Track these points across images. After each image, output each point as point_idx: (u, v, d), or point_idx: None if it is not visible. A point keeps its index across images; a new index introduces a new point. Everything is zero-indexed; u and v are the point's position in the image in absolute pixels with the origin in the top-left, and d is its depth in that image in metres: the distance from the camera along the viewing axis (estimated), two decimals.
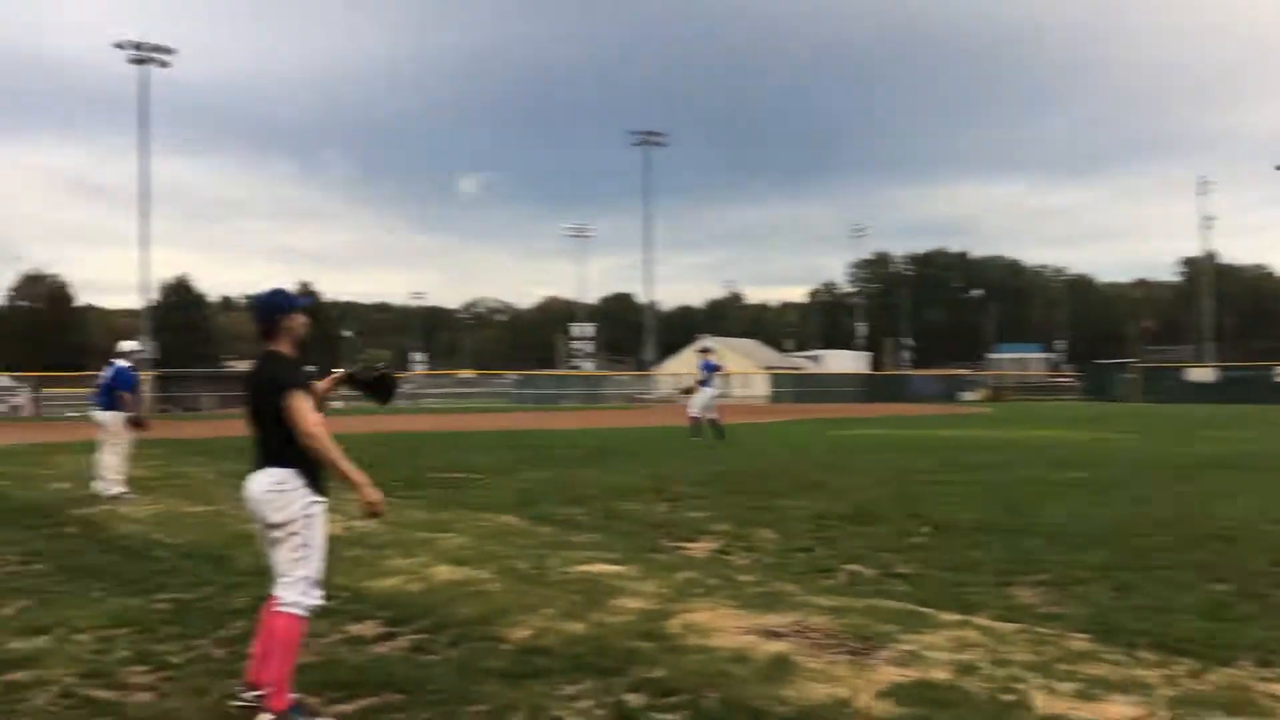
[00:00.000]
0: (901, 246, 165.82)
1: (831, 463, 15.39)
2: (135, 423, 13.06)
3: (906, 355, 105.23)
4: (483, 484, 13.50)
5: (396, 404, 68.74)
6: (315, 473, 4.73)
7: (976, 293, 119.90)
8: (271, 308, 4.85)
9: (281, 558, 4.71)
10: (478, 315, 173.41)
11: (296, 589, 4.65)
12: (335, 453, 4.59)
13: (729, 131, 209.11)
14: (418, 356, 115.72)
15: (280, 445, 4.65)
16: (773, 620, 6.15)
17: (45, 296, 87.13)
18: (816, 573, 7.76)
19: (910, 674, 5.09)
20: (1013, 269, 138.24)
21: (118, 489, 12.36)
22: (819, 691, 4.84)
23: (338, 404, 69.34)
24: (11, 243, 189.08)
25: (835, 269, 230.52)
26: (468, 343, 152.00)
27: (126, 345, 13.50)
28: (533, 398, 70.85)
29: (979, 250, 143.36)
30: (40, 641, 5.98)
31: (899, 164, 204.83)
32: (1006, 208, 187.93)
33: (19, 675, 5.33)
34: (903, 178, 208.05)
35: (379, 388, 5.37)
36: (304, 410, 4.59)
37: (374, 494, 4.66)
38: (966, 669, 5.16)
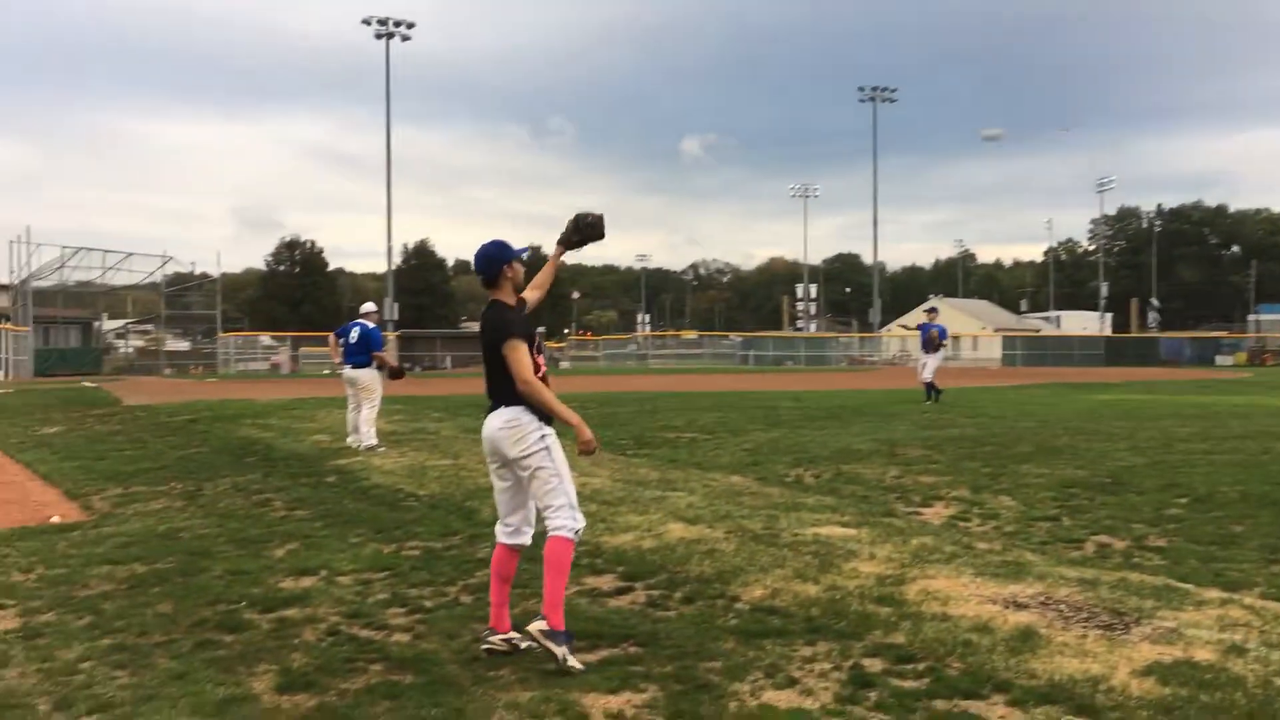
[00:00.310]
0: (1149, 201, 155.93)
1: (1077, 428, 14.60)
2: (395, 373, 14.04)
3: (1154, 317, 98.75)
4: (710, 444, 13.58)
5: (626, 363, 70.10)
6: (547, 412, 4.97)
7: (1235, 250, 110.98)
8: (495, 259, 5.09)
9: (536, 491, 4.99)
10: (701, 277, 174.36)
11: (560, 515, 4.91)
12: (549, 397, 4.87)
13: (962, 84, 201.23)
14: (642, 318, 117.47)
15: (510, 386, 4.90)
16: (1016, 590, 5.90)
17: (301, 261, 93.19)
18: (1061, 543, 7.40)
19: (1171, 652, 4.77)
20: (1277, 224, 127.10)
21: (371, 441, 13.15)
22: (1070, 665, 4.61)
23: (565, 364, 71.45)
24: (271, 210, 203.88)
25: (1075, 226, 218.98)
26: (691, 304, 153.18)
27: (367, 307, 14.36)
28: (756, 359, 70.79)
29: (1238, 204, 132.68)
30: (307, 582, 6.44)
31: (1148, 113, 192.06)
32: (1272, 158, 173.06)
33: (291, 612, 5.76)
34: (1152, 127, 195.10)
35: (590, 229, 5.57)
36: (521, 360, 4.85)
37: (588, 433, 4.92)
38: (1234, 650, 4.79)
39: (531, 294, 5.35)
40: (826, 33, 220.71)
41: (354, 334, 13.78)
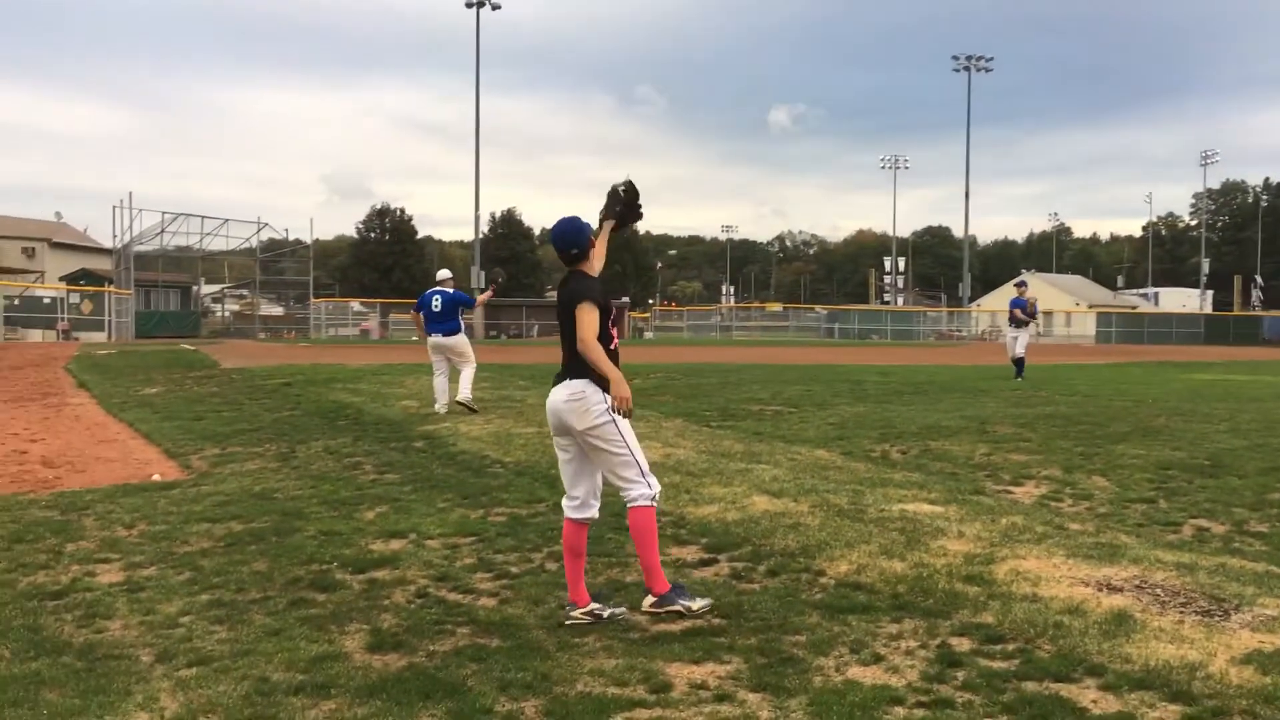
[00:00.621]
0: (1256, 174, 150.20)
1: (1175, 408, 14.18)
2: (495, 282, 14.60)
3: (1258, 295, 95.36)
4: (795, 417, 13.49)
5: (709, 334, 69.99)
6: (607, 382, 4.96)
7: None
8: (582, 232, 5.15)
9: (607, 463, 5.02)
10: (787, 249, 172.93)
11: (635, 486, 4.97)
12: (600, 356, 4.85)
13: (1058, 51, 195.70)
14: (727, 289, 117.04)
15: (579, 358, 4.92)
16: (1110, 573, 5.76)
17: (391, 229, 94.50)
18: (1158, 526, 7.21)
19: (1272, 641, 4.60)
20: None
21: (469, 395, 13.40)
22: (1166, 651, 4.49)
23: (649, 334, 71.51)
24: (363, 178, 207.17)
25: (1176, 199, 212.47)
26: (777, 276, 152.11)
27: (444, 273, 14.53)
28: (841, 332, 70.15)
29: None
30: (396, 545, 6.56)
31: (1257, 81, 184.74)
32: None
33: (381, 574, 5.87)
34: (1261, 96, 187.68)
35: (629, 206, 5.49)
36: (588, 321, 4.88)
37: (625, 390, 4.88)
38: None
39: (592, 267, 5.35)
40: (920, 1, 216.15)
41: (436, 302, 13.88)
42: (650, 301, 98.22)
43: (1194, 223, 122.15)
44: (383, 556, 6.25)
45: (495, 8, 62.65)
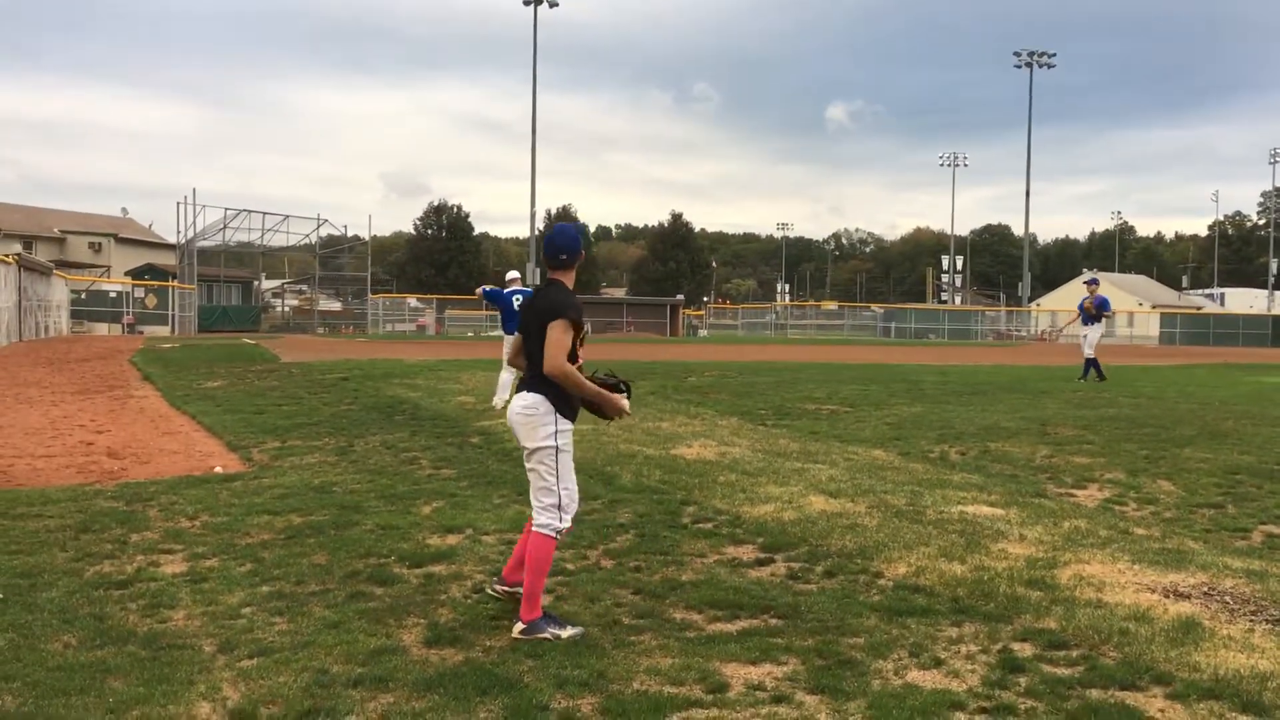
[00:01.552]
0: None
1: (1243, 411, 13.86)
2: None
3: None
4: (851, 416, 13.38)
5: (764, 332, 69.69)
6: (571, 402, 4.91)
7: None
8: (577, 243, 5.05)
9: (533, 483, 4.95)
10: (843, 247, 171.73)
11: (546, 514, 4.88)
12: (578, 381, 4.82)
13: (1124, 48, 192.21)
14: (782, 287, 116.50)
15: (540, 370, 4.84)
16: (1177, 579, 5.64)
17: (448, 225, 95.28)
18: (1226, 532, 7.05)
19: None
20: None
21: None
22: (1236, 660, 4.38)
23: (704, 332, 71.29)
24: (421, 175, 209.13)
25: (1244, 198, 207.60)
26: (832, 275, 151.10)
27: (514, 274, 14.56)
28: (897, 331, 69.54)
29: None
30: (453, 540, 6.59)
31: None
32: None
33: (438, 569, 5.91)
34: None
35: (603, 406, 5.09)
36: (559, 341, 4.76)
37: (618, 402, 5.00)
38: None
39: None
40: None
41: (516, 301, 13.75)
42: (705, 299, 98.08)
43: (1262, 222, 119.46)
44: (439, 551, 6.29)
45: (553, 5, 62.94)
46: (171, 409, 14.48)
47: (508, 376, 13.82)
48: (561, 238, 5.04)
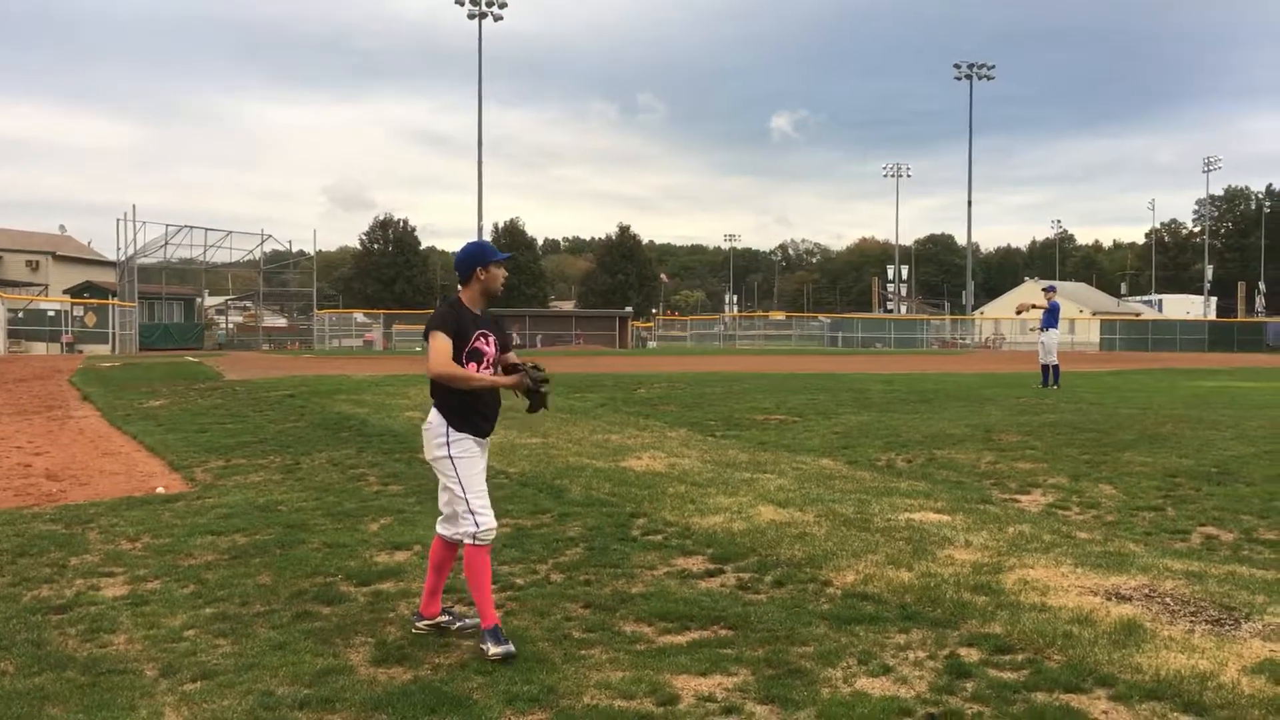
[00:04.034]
0: (1259, 181, 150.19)
1: (1181, 415, 14.13)
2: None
3: (1262, 301, 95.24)
4: (800, 426, 13.46)
5: (713, 343, 69.92)
6: (466, 414, 4.90)
7: None
8: (469, 259, 5.00)
9: (441, 496, 5.01)
10: (790, 257, 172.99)
11: (464, 523, 4.87)
12: (463, 376, 4.82)
13: (1061, 61, 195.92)
14: (730, 298, 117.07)
15: (432, 387, 4.94)
16: (1119, 582, 5.73)
17: (394, 240, 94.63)
18: (1166, 534, 7.18)
19: None
20: None
21: None
22: (1177, 661, 4.45)
23: (653, 344, 71.39)
24: (366, 189, 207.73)
25: (1179, 207, 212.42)
26: (780, 285, 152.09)
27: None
28: (844, 341, 70.13)
29: None
30: (401, 557, 6.53)
31: (1259, 89, 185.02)
32: None
33: (386, 586, 5.85)
34: (1263, 104, 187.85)
35: (535, 396, 5.08)
36: (436, 349, 4.80)
37: (515, 380, 4.97)
38: None
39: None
40: (920, 8, 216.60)
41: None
42: (654, 311, 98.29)
43: (1197, 229, 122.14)
44: (387, 568, 6.23)
45: (497, 19, 62.88)
46: (112, 429, 14.22)
47: None
48: (456, 260, 5.08)
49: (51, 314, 53.06)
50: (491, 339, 5.00)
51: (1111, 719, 3.93)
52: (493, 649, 4.60)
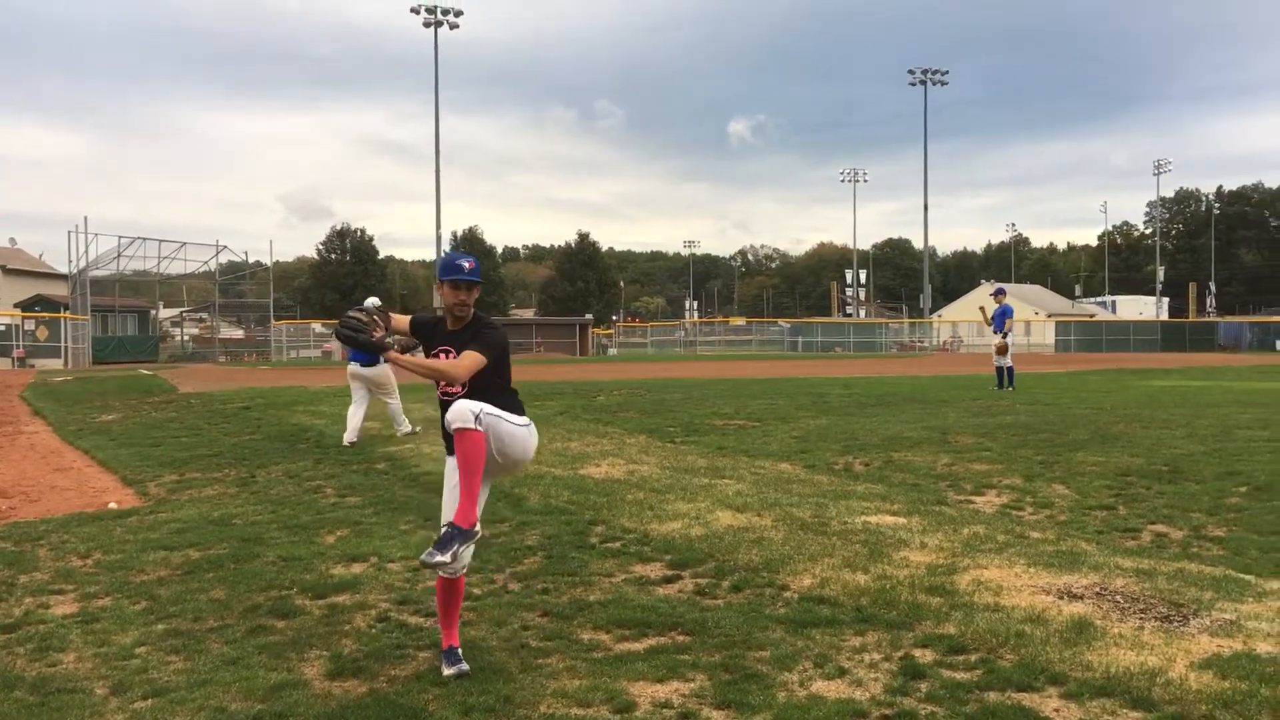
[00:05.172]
0: (1209, 183, 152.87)
1: (1133, 415, 14.33)
2: (407, 348, 14.14)
3: (1212, 301, 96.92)
4: (759, 431, 13.51)
5: (673, 349, 70.02)
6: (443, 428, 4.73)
7: None
8: (439, 270, 4.88)
9: None
10: (749, 263, 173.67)
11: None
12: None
13: (1013, 64, 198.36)
14: (690, 304, 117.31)
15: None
16: (1071, 581, 5.80)
17: (352, 249, 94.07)
18: (1117, 532, 7.28)
19: (1231, 645, 4.66)
20: None
21: (408, 428, 13.31)
22: (1126, 658, 4.52)
23: (613, 350, 71.36)
24: (323, 199, 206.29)
25: (1132, 209, 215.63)
26: (740, 291, 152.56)
27: (371, 301, 13.79)
28: (804, 345, 70.49)
29: None
30: (357, 569, 6.49)
31: (1208, 92, 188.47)
32: None
33: (342, 599, 5.81)
34: (1212, 107, 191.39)
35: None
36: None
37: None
38: None
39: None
40: (876, 13, 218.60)
41: None
42: (614, 318, 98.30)
43: (1149, 231, 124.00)
44: (343, 581, 6.18)
45: (453, 27, 62.72)
46: (64, 444, 14.01)
47: (356, 410, 13.14)
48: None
49: (1, 328, 52.18)
50: (453, 354, 4.75)
51: (1063, 716, 3.98)
52: (448, 670, 4.55)
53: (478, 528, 4.54)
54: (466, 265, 4.79)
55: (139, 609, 5.68)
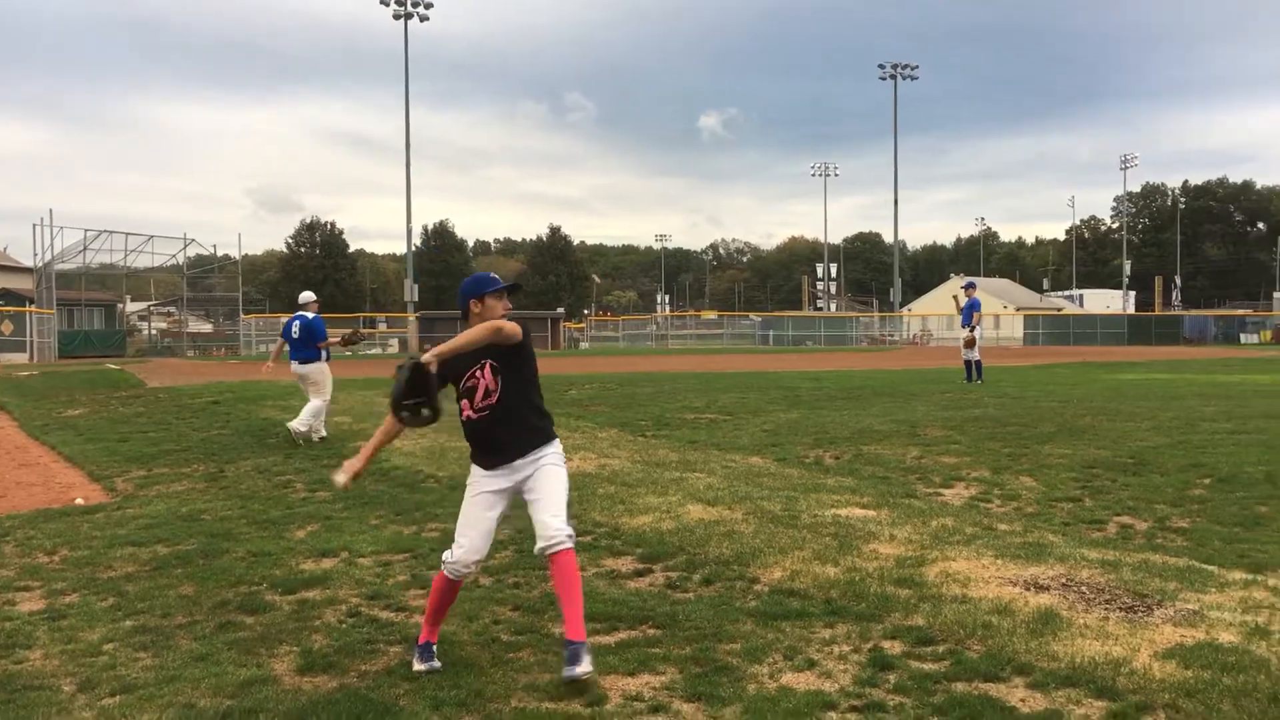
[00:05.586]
0: (1175, 178, 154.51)
1: (1100, 408, 14.48)
2: (351, 340, 14.30)
3: (1178, 295, 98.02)
4: (730, 425, 13.56)
5: (645, 343, 70.06)
6: (473, 446, 4.85)
7: (1261, 227, 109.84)
8: (463, 294, 4.78)
9: None
10: (721, 257, 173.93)
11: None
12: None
13: (982, 60, 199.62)
14: (661, 298, 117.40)
15: None
16: (1037, 572, 5.87)
17: (322, 243, 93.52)
18: (1083, 524, 7.37)
19: (1193, 635, 4.73)
20: None
21: (322, 433, 12.69)
22: (1091, 649, 4.58)
23: (585, 345, 71.31)
24: (293, 192, 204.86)
25: (1099, 203, 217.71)
26: (711, 285, 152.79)
27: (305, 296, 13.57)
28: (775, 339, 70.69)
29: (1265, 181, 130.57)
30: (328, 564, 6.47)
31: (1173, 88, 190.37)
32: None
33: (312, 594, 5.79)
34: (1178, 102, 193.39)
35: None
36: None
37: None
38: (1257, 632, 4.74)
39: None
40: (847, 8, 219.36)
41: (296, 328, 13.03)
42: (585, 312, 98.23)
43: (1115, 225, 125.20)
44: (313, 576, 6.16)
45: (423, 19, 62.28)
46: (29, 439, 13.87)
47: (313, 403, 12.82)
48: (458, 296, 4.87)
49: None
50: (486, 370, 4.70)
51: (1029, 707, 4.03)
52: (419, 665, 4.56)
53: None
54: (494, 274, 4.85)
55: (107, 605, 5.65)
